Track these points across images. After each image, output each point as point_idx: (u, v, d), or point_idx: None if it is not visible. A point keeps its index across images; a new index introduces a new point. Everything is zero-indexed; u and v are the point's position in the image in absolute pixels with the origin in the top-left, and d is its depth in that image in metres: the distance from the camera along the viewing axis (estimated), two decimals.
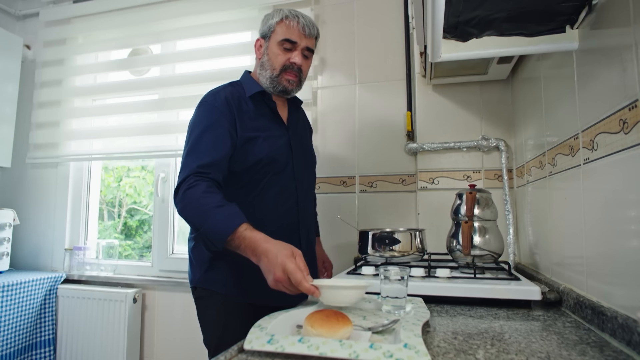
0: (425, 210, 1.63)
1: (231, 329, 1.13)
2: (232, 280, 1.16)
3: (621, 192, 0.69)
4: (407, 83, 1.79)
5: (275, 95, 1.27)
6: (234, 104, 1.18)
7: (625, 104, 0.67)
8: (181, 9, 2.15)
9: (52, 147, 2.28)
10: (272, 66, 1.22)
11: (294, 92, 1.27)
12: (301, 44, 1.22)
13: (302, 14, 1.24)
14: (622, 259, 0.69)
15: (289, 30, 1.21)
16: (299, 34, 1.21)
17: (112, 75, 2.39)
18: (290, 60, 1.22)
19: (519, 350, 0.64)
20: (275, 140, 1.22)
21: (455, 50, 0.99)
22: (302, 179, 1.28)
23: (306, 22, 1.22)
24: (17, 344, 1.88)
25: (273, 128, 1.24)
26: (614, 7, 0.73)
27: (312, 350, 0.59)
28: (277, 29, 1.22)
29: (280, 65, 1.21)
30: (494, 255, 1.17)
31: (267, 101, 1.26)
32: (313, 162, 1.42)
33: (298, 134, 1.33)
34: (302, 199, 1.27)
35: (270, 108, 1.26)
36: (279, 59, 1.21)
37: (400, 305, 0.81)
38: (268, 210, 1.19)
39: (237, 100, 1.20)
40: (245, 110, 1.20)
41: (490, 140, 1.56)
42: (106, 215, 2.53)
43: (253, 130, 1.18)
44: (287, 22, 1.21)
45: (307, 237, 1.29)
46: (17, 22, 2.53)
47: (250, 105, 1.22)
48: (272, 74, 1.22)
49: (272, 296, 0.98)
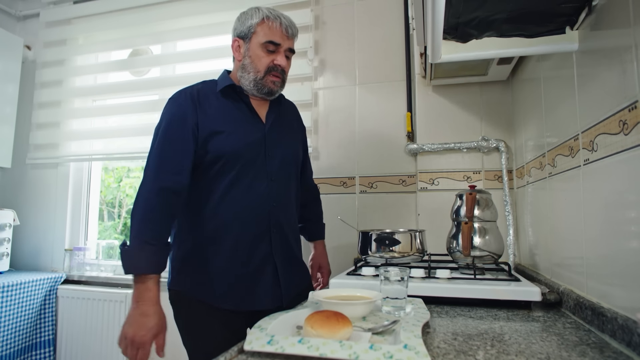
0: (425, 211, 1.63)
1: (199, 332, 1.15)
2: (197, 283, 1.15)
3: (621, 193, 0.69)
4: (407, 84, 1.79)
5: (258, 97, 1.24)
6: (200, 99, 1.18)
7: (625, 105, 0.67)
8: (181, 9, 2.15)
9: (53, 148, 2.29)
10: (255, 69, 1.20)
11: (277, 92, 1.25)
12: (284, 45, 1.20)
13: (282, 14, 1.22)
14: (622, 260, 0.69)
15: (271, 31, 1.18)
16: (282, 35, 1.19)
17: (113, 76, 2.40)
18: (275, 63, 1.19)
19: (519, 351, 0.64)
20: (244, 135, 1.18)
21: (455, 51, 0.99)
22: (279, 178, 1.22)
23: (288, 23, 1.21)
24: (17, 345, 1.88)
25: (244, 123, 1.21)
26: (613, 9, 0.73)
27: (312, 351, 0.59)
28: (259, 30, 1.19)
29: (265, 67, 1.19)
30: (494, 256, 1.17)
31: (240, 95, 1.23)
32: (295, 161, 1.33)
33: (278, 131, 1.27)
34: (276, 200, 1.20)
35: (244, 102, 1.23)
36: (262, 62, 1.19)
37: (400, 306, 0.81)
38: (233, 211, 1.14)
39: (205, 96, 1.19)
40: (213, 105, 1.19)
41: (490, 141, 1.56)
42: (106, 215, 2.53)
43: (218, 124, 1.16)
44: (269, 23, 1.19)
45: (282, 241, 1.21)
46: (18, 23, 2.53)
47: (221, 100, 1.20)
48: (256, 76, 1.20)
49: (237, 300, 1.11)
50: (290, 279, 1.22)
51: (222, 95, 1.21)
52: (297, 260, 1.30)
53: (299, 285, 1.26)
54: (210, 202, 1.15)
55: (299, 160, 1.37)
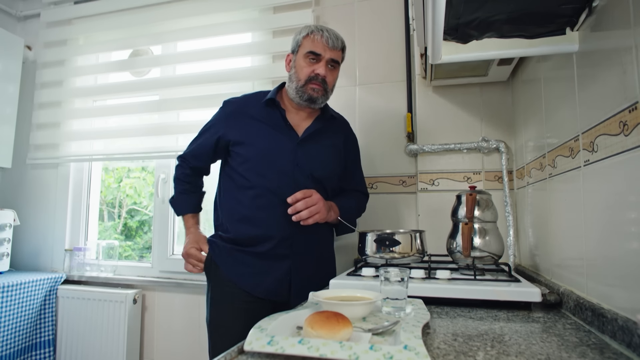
0: (425, 211, 1.63)
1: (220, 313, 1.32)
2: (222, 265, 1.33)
3: (621, 194, 0.69)
4: (408, 84, 1.79)
5: (303, 105, 1.33)
6: (240, 109, 1.36)
7: (626, 106, 0.67)
8: (182, 10, 2.15)
9: (53, 148, 2.29)
10: (297, 77, 1.31)
11: (319, 100, 1.32)
12: (325, 55, 1.28)
13: (328, 28, 1.31)
14: (622, 260, 0.69)
15: (313, 43, 1.28)
16: (323, 46, 1.28)
17: (113, 76, 2.40)
18: (315, 72, 1.28)
19: (519, 352, 0.64)
20: (272, 143, 1.30)
21: (455, 52, 0.99)
22: (305, 188, 1.25)
23: (330, 35, 1.29)
24: (17, 345, 1.88)
25: (275, 133, 1.32)
26: (614, 10, 0.73)
27: (312, 352, 0.59)
28: (304, 43, 1.30)
29: (306, 76, 1.29)
30: (494, 257, 1.17)
31: (278, 108, 1.34)
32: (327, 179, 1.36)
33: (313, 145, 1.34)
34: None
35: (280, 115, 1.34)
36: (304, 71, 1.29)
37: (401, 307, 0.81)
38: (251, 214, 1.29)
39: (245, 106, 1.37)
40: (251, 115, 1.34)
41: (490, 142, 1.56)
42: (106, 216, 2.53)
43: (247, 133, 1.32)
44: (312, 36, 1.29)
45: (306, 245, 1.31)
46: (18, 23, 2.53)
47: (261, 111, 1.35)
48: (297, 84, 1.30)
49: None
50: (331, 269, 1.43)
51: (265, 105, 1.35)
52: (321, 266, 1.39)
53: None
54: (233, 199, 1.34)
55: (332, 180, 1.40)
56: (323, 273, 1.36)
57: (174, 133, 2.09)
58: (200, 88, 2.09)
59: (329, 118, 1.41)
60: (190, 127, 1.98)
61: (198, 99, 2.06)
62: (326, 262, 1.43)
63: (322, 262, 1.40)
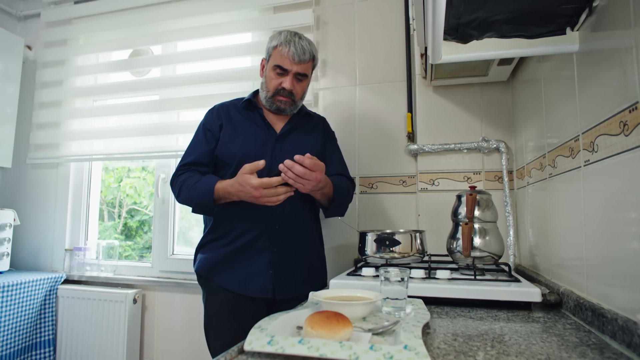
0: (425, 211, 1.63)
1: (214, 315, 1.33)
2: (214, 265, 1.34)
3: (621, 194, 0.69)
4: (408, 84, 1.79)
5: (274, 112, 1.40)
6: (223, 112, 1.41)
7: (626, 106, 0.67)
8: (182, 10, 2.15)
9: (53, 148, 2.29)
10: (266, 88, 1.37)
11: (287, 110, 1.38)
12: (292, 69, 1.31)
13: (297, 40, 1.31)
14: (622, 260, 0.69)
15: (281, 57, 1.30)
16: (290, 61, 1.30)
17: (113, 76, 2.40)
18: (282, 85, 1.33)
19: (519, 352, 0.64)
20: (253, 139, 1.35)
21: (455, 52, 0.99)
22: None
23: (297, 50, 1.29)
24: (17, 345, 1.88)
25: (255, 131, 1.38)
26: (614, 10, 0.73)
27: (312, 352, 0.59)
28: (273, 54, 1.33)
29: (273, 88, 1.34)
30: (494, 257, 1.17)
31: (256, 108, 1.41)
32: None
33: (292, 139, 1.40)
34: (279, 205, 1.21)
35: (259, 114, 1.40)
36: (272, 83, 1.34)
37: (401, 307, 0.81)
38: (231, 206, 1.29)
39: (227, 109, 1.42)
40: (233, 117, 1.40)
41: (490, 142, 1.56)
42: (106, 215, 2.53)
43: (230, 133, 1.36)
44: (280, 49, 1.31)
45: (285, 240, 1.33)
46: (18, 23, 2.53)
47: (241, 113, 1.41)
48: (266, 95, 1.37)
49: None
50: (289, 274, 1.33)
51: (243, 108, 1.41)
52: (303, 258, 1.37)
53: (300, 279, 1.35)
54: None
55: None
56: (307, 265, 1.38)
57: (174, 133, 2.09)
58: (200, 88, 2.09)
59: (304, 115, 1.46)
60: (191, 127, 1.98)
61: (198, 99, 2.06)
62: (310, 255, 1.41)
63: (304, 254, 1.38)
